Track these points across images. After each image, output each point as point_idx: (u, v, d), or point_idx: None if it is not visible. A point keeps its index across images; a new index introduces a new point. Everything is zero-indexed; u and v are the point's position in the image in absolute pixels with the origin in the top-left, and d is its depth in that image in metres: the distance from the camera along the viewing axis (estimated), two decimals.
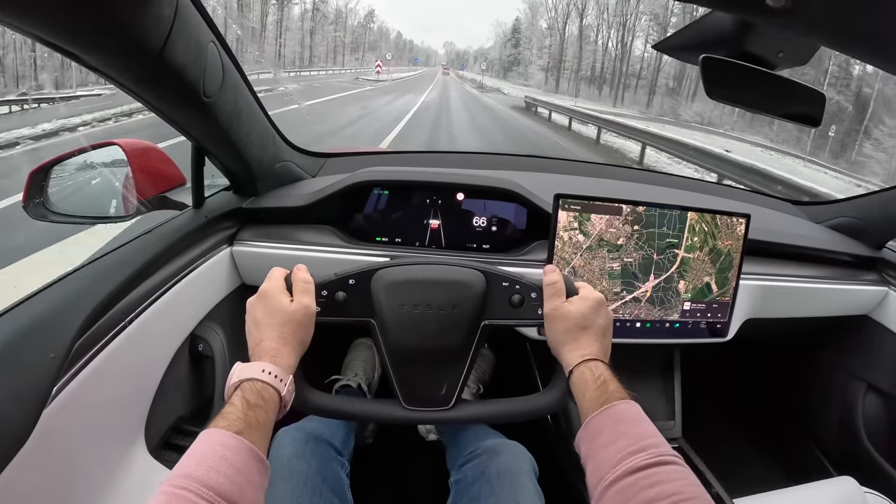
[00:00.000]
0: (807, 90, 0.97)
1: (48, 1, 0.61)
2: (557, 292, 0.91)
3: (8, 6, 0.60)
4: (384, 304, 0.93)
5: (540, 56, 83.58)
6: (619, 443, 0.71)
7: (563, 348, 0.88)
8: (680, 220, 1.25)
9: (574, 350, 0.86)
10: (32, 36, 0.67)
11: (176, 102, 0.98)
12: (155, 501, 0.56)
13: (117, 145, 1.26)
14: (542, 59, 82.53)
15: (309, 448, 1.12)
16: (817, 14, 0.57)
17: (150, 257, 1.04)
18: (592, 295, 0.90)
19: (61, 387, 0.80)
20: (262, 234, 1.36)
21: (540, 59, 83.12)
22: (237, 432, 0.65)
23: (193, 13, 0.87)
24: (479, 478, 1.11)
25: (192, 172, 1.22)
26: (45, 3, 0.61)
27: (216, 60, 0.98)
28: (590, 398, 0.79)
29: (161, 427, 1.10)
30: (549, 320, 0.90)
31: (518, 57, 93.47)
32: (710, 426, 1.78)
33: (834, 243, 1.60)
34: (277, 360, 0.78)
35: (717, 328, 1.33)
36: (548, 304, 0.91)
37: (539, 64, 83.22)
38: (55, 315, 0.81)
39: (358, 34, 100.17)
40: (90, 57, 0.75)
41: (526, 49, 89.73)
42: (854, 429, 1.62)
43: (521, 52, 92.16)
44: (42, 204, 1.22)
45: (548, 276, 0.93)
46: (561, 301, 0.90)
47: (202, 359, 1.22)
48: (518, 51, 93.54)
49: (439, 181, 1.38)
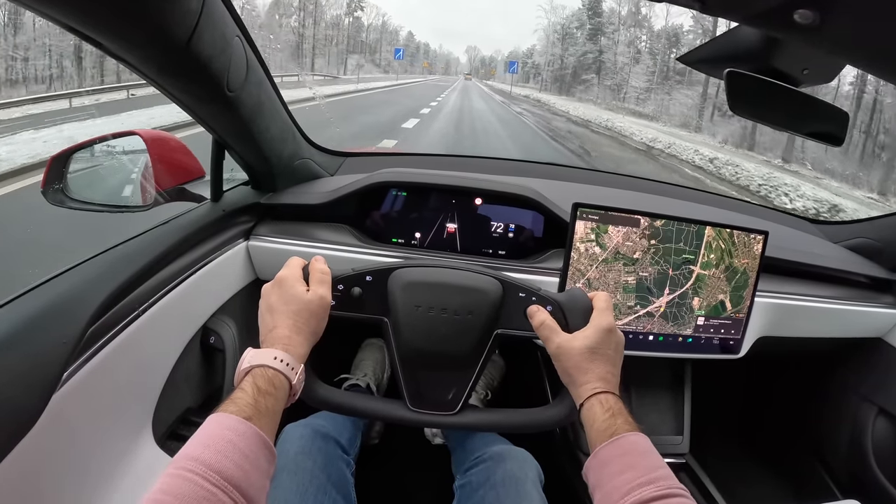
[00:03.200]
0: (830, 108, 0.96)
1: None
2: (551, 332, 0.89)
3: None
4: (399, 304, 0.93)
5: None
6: (628, 474, 0.71)
7: (572, 383, 0.87)
8: (697, 237, 1.24)
9: (584, 384, 0.84)
10: (63, 25, 0.68)
11: (200, 95, 0.98)
12: (162, 483, 0.57)
13: (138, 135, 1.27)
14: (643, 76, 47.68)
15: (316, 445, 1.12)
16: (846, 33, 0.57)
17: (167, 248, 1.04)
18: (604, 322, 0.87)
19: (72, 372, 0.81)
20: (279, 230, 1.36)
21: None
22: (247, 418, 0.66)
23: (220, 7, 0.88)
24: (485, 483, 1.11)
25: (212, 166, 1.23)
26: None
27: (241, 54, 0.99)
28: (598, 429, 0.79)
29: (169, 417, 1.10)
30: (555, 359, 0.89)
31: (599, 58, 55.50)
32: (719, 443, 1.77)
33: (850, 264, 1.58)
34: (290, 348, 0.78)
35: (730, 345, 1.32)
36: (549, 344, 0.89)
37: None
38: (69, 301, 0.82)
39: (349, 33, 79.20)
40: (117, 47, 0.76)
41: (611, 44, 54.54)
42: (863, 452, 1.60)
43: (603, 53, 55.29)
44: (61, 190, 1.23)
45: (534, 318, 0.91)
46: (559, 339, 0.87)
47: (213, 351, 1.23)
48: (599, 47, 56.24)
49: (458, 185, 1.38)
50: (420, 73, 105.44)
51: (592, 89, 54.93)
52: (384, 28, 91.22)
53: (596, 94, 53.43)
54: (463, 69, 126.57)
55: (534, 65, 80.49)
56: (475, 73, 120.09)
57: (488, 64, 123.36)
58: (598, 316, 0.89)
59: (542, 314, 0.91)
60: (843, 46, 0.62)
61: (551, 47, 67.79)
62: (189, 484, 0.56)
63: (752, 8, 0.59)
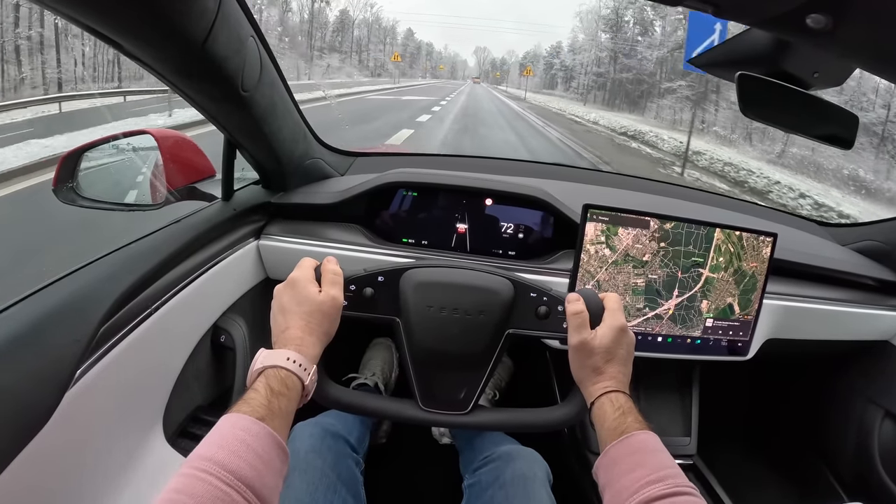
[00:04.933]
0: (840, 111, 0.96)
1: None
2: (583, 323, 0.88)
3: None
4: (411, 304, 0.94)
5: None
6: (637, 472, 0.72)
7: (585, 381, 0.88)
8: (706, 240, 1.24)
9: (596, 383, 0.86)
10: (80, 25, 0.69)
11: (214, 95, 0.99)
12: (176, 482, 0.57)
13: (149, 134, 1.27)
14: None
15: (325, 444, 1.13)
16: (859, 37, 0.57)
17: (178, 247, 1.05)
18: (616, 322, 0.88)
19: (84, 370, 0.82)
20: (290, 230, 1.37)
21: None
22: (260, 418, 0.66)
23: (235, 7, 0.88)
24: (493, 483, 1.11)
25: (223, 165, 1.24)
26: None
27: (255, 55, 1.00)
28: (608, 428, 0.80)
29: (179, 415, 1.11)
30: (574, 353, 0.89)
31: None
32: (726, 445, 1.77)
33: (858, 267, 1.58)
34: (302, 349, 0.79)
35: (738, 347, 1.32)
36: (573, 336, 0.88)
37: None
38: (82, 299, 0.83)
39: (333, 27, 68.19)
40: (134, 47, 0.77)
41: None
42: (869, 455, 1.60)
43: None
44: (73, 189, 1.24)
45: (571, 305, 0.90)
46: (585, 334, 0.87)
47: (223, 350, 1.24)
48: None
49: (468, 186, 1.39)
50: (422, 76, 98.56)
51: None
52: (373, 24, 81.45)
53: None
54: (471, 73, 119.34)
55: (563, 66, 64.83)
56: (485, 76, 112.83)
57: (499, 67, 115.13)
58: (609, 316, 0.89)
59: (582, 304, 0.90)
60: (855, 50, 0.63)
61: (591, 43, 51.32)
62: (203, 484, 0.57)
63: (765, 12, 0.60)
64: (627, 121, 28.06)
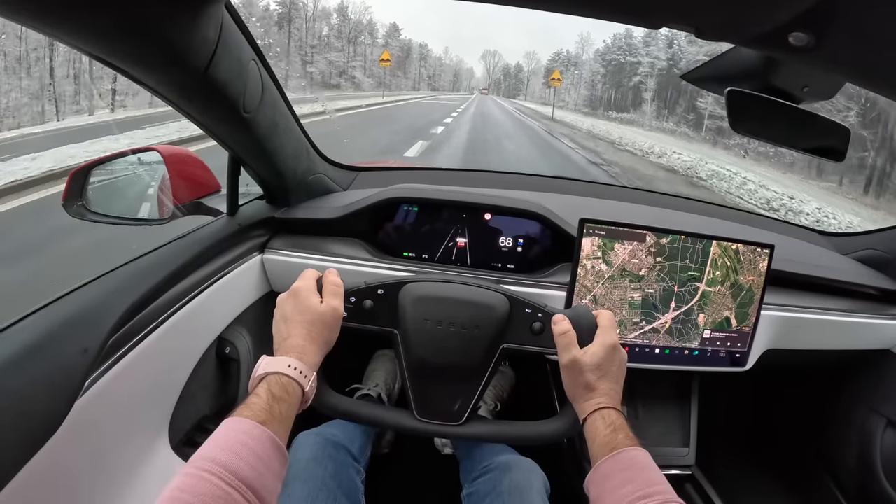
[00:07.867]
0: (832, 124, 0.97)
1: (105, 26, 0.66)
2: (570, 343, 0.91)
3: (68, 28, 0.65)
4: (409, 317, 0.96)
5: None
6: (627, 487, 0.74)
7: (577, 398, 0.90)
8: (703, 254, 1.25)
9: (589, 399, 0.88)
10: (88, 54, 0.72)
11: (217, 116, 1.02)
12: (179, 481, 0.60)
13: (156, 151, 1.30)
14: None
15: (327, 453, 1.14)
16: (840, 52, 0.59)
17: (185, 261, 1.08)
18: (609, 340, 0.90)
19: (93, 380, 0.84)
20: (293, 244, 1.40)
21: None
22: (261, 422, 0.69)
23: (236, 32, 0.91)
24: (491, 492, 1.13)
25: (228, 181, 1.26)
26: (102, 28, 0.66)
27: (256, 77, 1.03)
28: (600, 444, 0.82)
29: (185, 425, 1.13)
30: (565, 371, 0.91)
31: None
32: (725, 455, 1.77)
33: (859, 276, 1.59)
34: (303, 356, 0.82)
35: (737, 357, 1.33)
36: (562, 356, 0.91)
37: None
38: (92, 312, 0.85)
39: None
40: (140, 74, 0.80)
41: None
42: (871, 465, 1.59)
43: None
44: (82, 204, 1.26)
45: (557, 326, 0.93)
46: (575, 352, 0.90)
47: (228, 361, 1.26)
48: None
49: (467, 201, 1.40)
50: (409, 88, 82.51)
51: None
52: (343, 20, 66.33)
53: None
54: (478, 84, 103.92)
55: (634, 70, 50.12)
56: (495, 87, 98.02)
57: (513, 76, 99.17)
58: (602, 334, 0.91)
59: (567, 324, 0.92)
60: (839, 65, 0.65)
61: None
62: (205, 483, 0.59)
63: (746, 33, 0.61)
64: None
